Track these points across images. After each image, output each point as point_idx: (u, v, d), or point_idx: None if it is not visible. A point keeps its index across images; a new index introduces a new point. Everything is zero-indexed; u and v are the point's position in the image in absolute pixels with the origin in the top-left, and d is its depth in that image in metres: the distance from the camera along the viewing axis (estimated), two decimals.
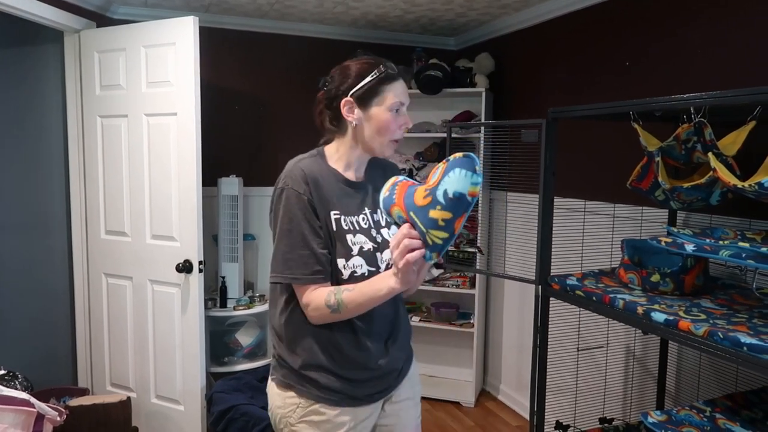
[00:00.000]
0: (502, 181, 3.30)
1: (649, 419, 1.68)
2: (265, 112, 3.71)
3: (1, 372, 2.34)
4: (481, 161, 3.42)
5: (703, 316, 1.62)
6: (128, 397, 2.88)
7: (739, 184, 1.52)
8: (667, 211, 2.32)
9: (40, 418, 1.74)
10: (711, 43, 2.24)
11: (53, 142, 3.20)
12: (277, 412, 1.45)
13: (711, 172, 1.67)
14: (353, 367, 1.42)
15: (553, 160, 2.04)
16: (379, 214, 1.49)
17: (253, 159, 3.69)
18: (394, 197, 1.24)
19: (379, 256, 1.45)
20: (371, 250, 1.43)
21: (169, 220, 2.88)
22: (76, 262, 3.16)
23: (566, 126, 2.07)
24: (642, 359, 2.51)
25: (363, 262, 1.41)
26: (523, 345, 3.43)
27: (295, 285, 1.37)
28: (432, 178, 1.18)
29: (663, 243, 1.62)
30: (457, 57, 3.84)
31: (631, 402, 2.57)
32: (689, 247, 1.54)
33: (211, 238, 3.45)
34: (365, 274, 1.40)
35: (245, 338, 3.38)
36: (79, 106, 3.07)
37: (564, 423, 2.24)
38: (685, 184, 1.78)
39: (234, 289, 3.37)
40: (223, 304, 3.30)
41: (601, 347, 2.41)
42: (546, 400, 2.10)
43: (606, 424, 2.32)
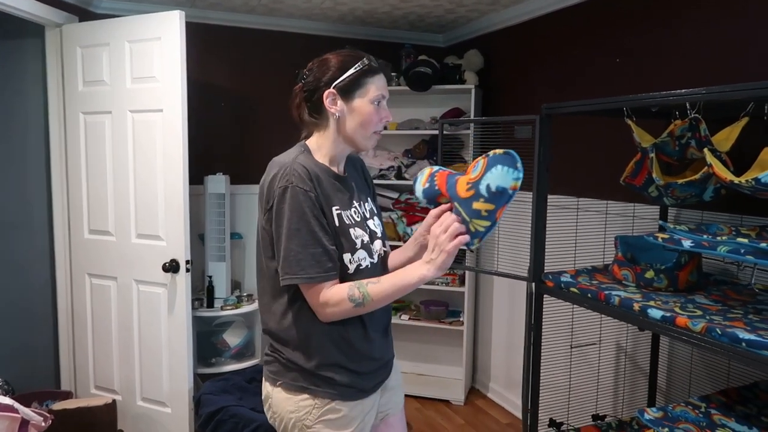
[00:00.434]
0: None
1: (646, 416, 1.67)
2: (253, 109, 3.66)
3: None
4: (471, 158, 3.41)
5: (699, 312, 1.62)
6: (113, 400, 2.83)
7: (736, 180, 1.52)
8: (659, 207, 2.32)
9: (24, 423, 1.68)
10: (701, 39, 2.25)
11: (34, 138, 3.12)
12: (290, 417, 1.40)
13: (705, 168, 1.66)
14: (363, 360, 1.44)
15: (546, 157, 2.03)
16: (365, 207, 1.51)
17: (240, 156, 3.64)
18: (436, 187, 1.35)
19: (372, 248, 1.47)
20: (368, 242, 1.45)
21: (155, 219, 2.83)
22: (59, 263, 3.08)
23: (557, 123, 2.05)
24: (633, 356, 2.51)
25: (366, 255, 1.43)
26: (513, 343, 3.42)
27: (309, 285, 1.33)
28: (473, 172, 1.29)
29: (660, 239, 1.61)
30: (446, 54, 3.82)
31: (623, 398, 2.57)
32: (687, 243, 1.54)
33: (197, 237, 3.39)
34: (368, 266, 1.43)
35: (233, 338, 3.32)
36: (61, 102, 3.00)
37: (557, 420, 2.24)
38: (680, 181, 1.78)
39: (221, 289, 3.32)
40: (210, 304, 3.25)
41: (594, 344, 2.40)
42: (539, 398, 2.09)
43: (599, 421, 2.32)
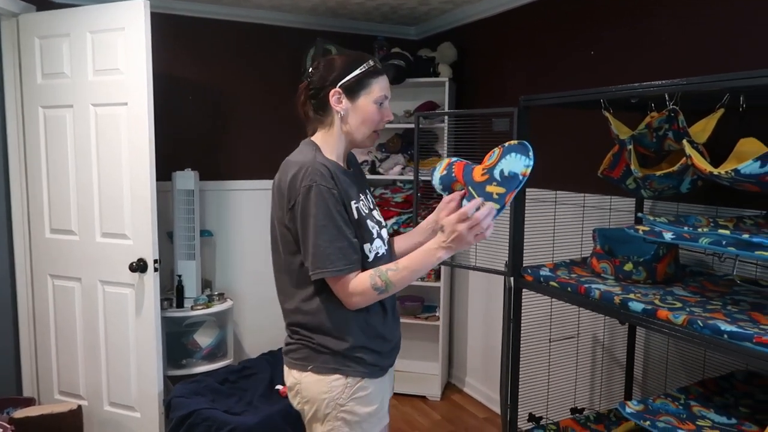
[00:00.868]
0: None
1: (627, 409, 1.66)
2: (222, 103, 3.56)
3: None
4: (446, 151, 3.38)
5: (679, 305, 1.62)
6: (79, 406, 2.72)
7: (715, 171, 1.51)
8: (635, 199, 2.32)
9: None
10: (675, 31, 2.25)
11: None
12: (322, 398, 1.47)
13: (683, 160, 1.66)
14: (382, 341, 1.54)
15: None
16: (368, 199, 1.60)
17: (209, 152, 3.54)
18: (453, 175, 1.48)
19: (383, 236, 1.58)
20: (380, 231, 1.56)
21: (121, 217, 2.72)
22: (19, 264, 2.94)
23: (534, 116, 2.03)
24: (610, 348, 2.52)
25: (381, 243, 1.54)
26: (489, 337, 3.41)
27: (337, 277, 1.41)
28: (488, 160, 1.42)
29: (641, 232, 1.60)
30: (419, 46, 3.78)
31: (600, 391, 2.58)
32: (667, 236, 1.53)
33: (166, 235, 3.29)
34: (384, 254, 1.54)
35: (204, 339, 3.23)
36: (19, 96, 2.86)
37: (536, 415, 2.22)
38: (658, 173, 1.77)
39: (191, 288, 3.23)
40: (180, 304, 3.15)
41: (572, 338, 2.40)
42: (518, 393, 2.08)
43: (578, 414, 2.32)
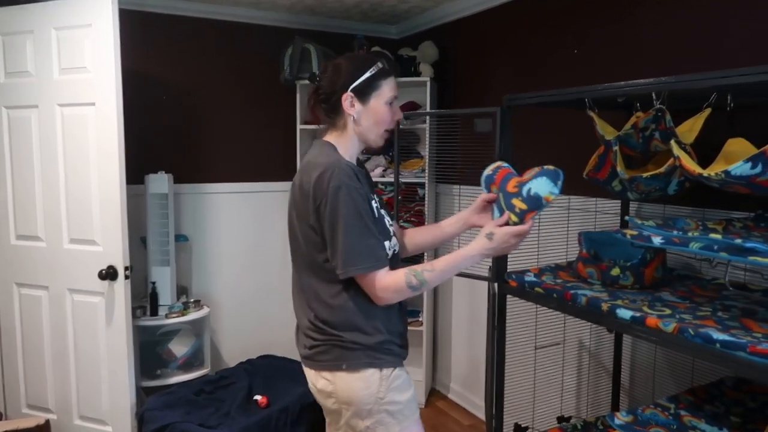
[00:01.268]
0: (453, 174, 3.20)
1: (616, 421, 1.60)
2: (197, 104, 3.45)
3: None
4: (428, 152, 3.31)
5: (668, 311, 1.56)
6: (47, 420, 2.61)
7: (705, 172, 1.45)
8: (620, 202, 2.27)
9: None
10: (660, 29, 2.20)
11: None
12: (361, 394, 1.48)
13: (671, 161, 1.60)
14: (401, 333, 1.60)
15: (508, 150, 1.94)
16: (376, 198, 1.63)
17: (185, 153, 3.43)
18: (494, 177, 1.60)
19: (395, 233, 1.63)
20: (393, 229, 1.61)
21: (90, 223, 2.61)
22: None
23: (517, 116, 1.96)
24: (597, 354, 2.46)
25: (396, 240, 1.59)
26: (474, 342, 3.35)
27: (368, 274, 1.43)
28: (526, 175, 1.51)
29: (628, 236, 1.53)
30: (400, 46, 3.70)
31: (587, 399, 2.52)
32: (656, 240, 1.46)
33: (139, 240, 3.18)
34: (397, 250, 1.59)
35: (179, 348, 3.12)
36: None
37: (522, 425, 2.16)
38: (645, 174, 1.72)
39: (166, 295, 3.11)
40: (154, 312, 3.04)
41: (558, 344, 2.34)
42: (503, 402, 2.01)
43: (564, 423, 2.26)
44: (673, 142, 1.58)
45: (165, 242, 3.13)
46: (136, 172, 3.10)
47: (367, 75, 1.50)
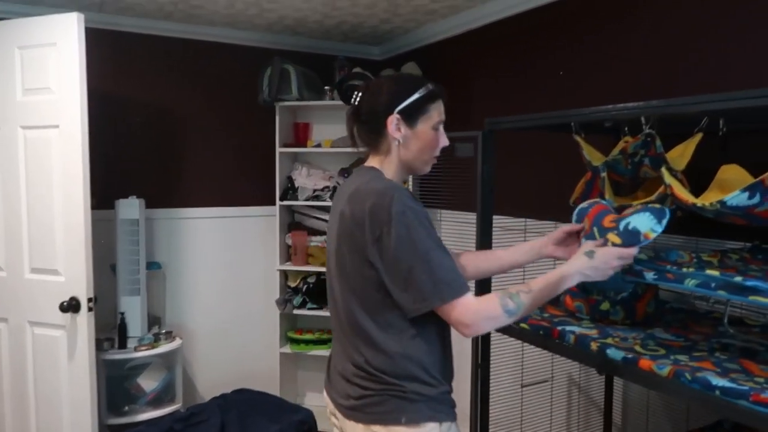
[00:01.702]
0: (434, 198, 3.10)
1: None
2: (173, 126, 3.34)
3: None
4: (411, 177, 3.20)
5: (663, 351, 1.44)
6: None
7: (698, 202, 1.36)
8: None
9: None
10: (645, 52, 2.13)
11: None
12: None
13: (662, 188, 1.51)
14: (451, 380, 1.47)
15: (490, 176, 1.83)
16: None
17: (158, 177, 3.30)
18: (589, 209, 1.53)
19: None
20: None
21: (52, 251, 2.46)
22: None
23: (501, 140, 1.87)
24: (587, 391, 2.33)
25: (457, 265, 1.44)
26: (456, 375, 3.20)
27: (457, 300, 1.26)
28: (627, 212, 1.42)
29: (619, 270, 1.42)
30: (383, 67, 3.62)
31: None
32: (649, 276, 1.36)
33: (109, 268, 3.03)
34: None
35: (149, 382, 2.96)
36: None
37: None
38: (635, 203, 1.62)
39: (136, 326, 2.96)
40: (123, 345, 2.88)
41: (546, 381, 2.21)
42: None
43: None
44: (664, 169, 1.48)
45: (135, 270, 2.98)
46: (107, 197, 2.98)
47: (415, 97, 1.40)
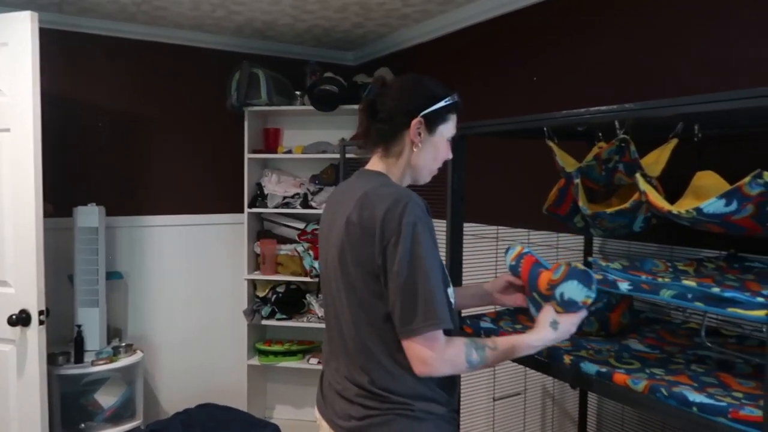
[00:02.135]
0: None
1: None
2: (135, 131, 3.21)
3: None
4: None
5: (638, 364, 1.39)
6: None
7: (674, 209, 1.30)
8: (583, 237, 2.12)
9: None
10: (619, 58, 2.09)
11: None
12: None
13: (636, 196, 1.46)
14: (456, 395, 1.41)
15: (461, 184, 1.77)
16: None
17: (119, 184, 3.17)
18: (519, 269, 1.47)
19: None
20: None
21: (1, 261, 2.33)
22: None
23: (473, 145, 1.80)
24: (561, 403, 2.27)
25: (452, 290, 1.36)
26: None
27: (427, 333, 1.17)
28: (555, 273, 1.36)
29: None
30: (356, 72, 3.55)
31: None
32: (623, 286, 1.30)
33: (66, 278, 2.89)
34: (453, 301, 1.35)
35: (107, 398, 2.82)
36: None
37: None
38: (609, 210, 1.56)
39: (94, 339, 2.82)
40: (79, 359, 2.74)
41: (519, 395, 2.14)
42: None
43: None
44: (638, 176, 1.43)
45: (94, 280, 2.85)
46: (65, 204, 2.84)
47: (442, 104, 1.34)
